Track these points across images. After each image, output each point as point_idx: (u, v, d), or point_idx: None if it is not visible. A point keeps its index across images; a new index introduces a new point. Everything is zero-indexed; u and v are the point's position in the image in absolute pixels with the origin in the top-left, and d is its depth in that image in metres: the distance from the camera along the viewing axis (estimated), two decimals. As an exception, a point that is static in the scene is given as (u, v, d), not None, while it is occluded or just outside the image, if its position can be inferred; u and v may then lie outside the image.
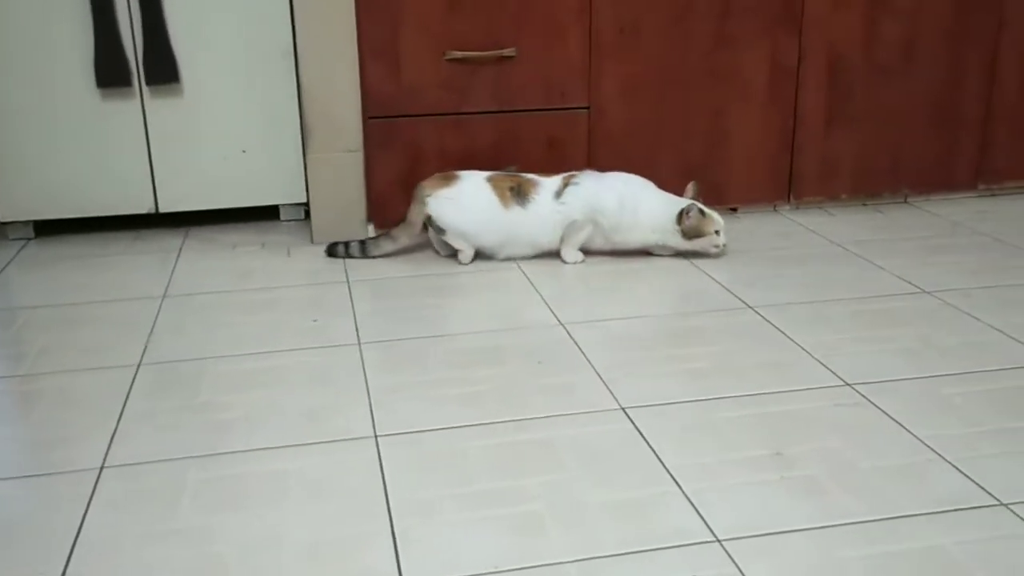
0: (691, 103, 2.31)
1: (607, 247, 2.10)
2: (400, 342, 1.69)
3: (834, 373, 1.53)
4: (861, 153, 2.43)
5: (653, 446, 1.32)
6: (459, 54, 2.16)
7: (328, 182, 2.20)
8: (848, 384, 1.49)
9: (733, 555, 1.09)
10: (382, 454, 1.31)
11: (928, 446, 1.31)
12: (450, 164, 2.23)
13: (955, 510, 1.16)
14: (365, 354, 1.64)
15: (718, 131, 2.35)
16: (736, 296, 1.87)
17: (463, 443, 1.34)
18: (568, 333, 1.71)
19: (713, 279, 1.97)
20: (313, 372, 1.58)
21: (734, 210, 2.43)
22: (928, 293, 1.88)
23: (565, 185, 2.06)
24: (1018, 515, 1.15)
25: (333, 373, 1.57)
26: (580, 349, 1.64)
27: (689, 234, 2.06)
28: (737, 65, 2.31)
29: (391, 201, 2.24)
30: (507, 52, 2.18)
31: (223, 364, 1.61)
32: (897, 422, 1.37)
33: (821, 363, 1.57)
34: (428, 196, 2.05)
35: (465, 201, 2.05)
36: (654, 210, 2.07)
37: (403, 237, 2.12)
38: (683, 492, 1.21)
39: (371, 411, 1.44)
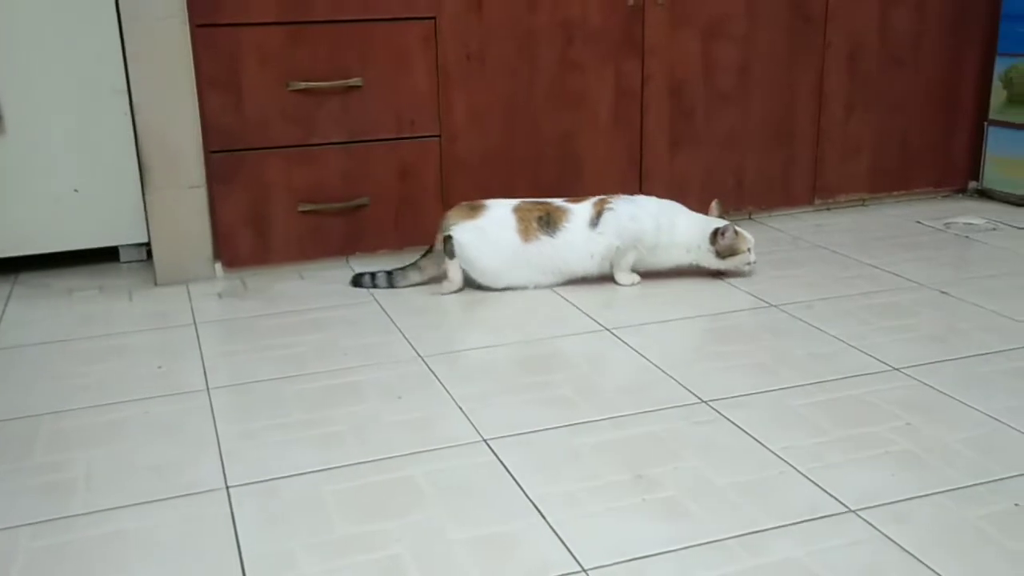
0: (541, 128, 2.34)
1: (641, 268, 2.10)
2: (252, 385, 1.62)
3: (690, 391, 1.56)
4: (706, 173, 2.51)
5: (516, 477, 1.31)
6: (303, 84, 2.11)
7: (170, 220, 2.10)
8: (703, 401, 1.52)
9: (599, 584, 1.08)
10: (234, 506, 1.25)
11: (781, 458, 1.34)
12: (299, 197, 2.17)
13: (807, 520, 1.19)
14: (215, 400, 1.56)
15: (569, 155, 2.38)
16: (593, 319, 1.89)
17: (320, 488, 1.29)
18: (427, 366, 1.69)
19: (571, 303, 1.99)
20: (159, 423, 1.49)
21: (588, 233, 2.46)
22: (774, 306, 1.95)
23: (599, 212, 2.04)
24: (866, 520, 1.19)
25: (180, 422, 1.49)
26: (440, 381, 1.62)
27: (724, 253, 2.07)
28: (583, 90, 2.35)
29: (239, 237, 2.17)
30: (353, 82, 2.15)
31: (60, 420, 1.50)
32: (751, 436, 1.41)
33: (678, 382, 1.60)
34: (452, 226, 2.01)
35: (488, 238, 2.01)
36: (688, 230, 2.08)
37: (430, 267, 2.08)
38: (547, 523, 1.20)
39: (221, 461, 1.37)
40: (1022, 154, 2.63)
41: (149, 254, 2.25)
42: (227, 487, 1.30)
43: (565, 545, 1.15)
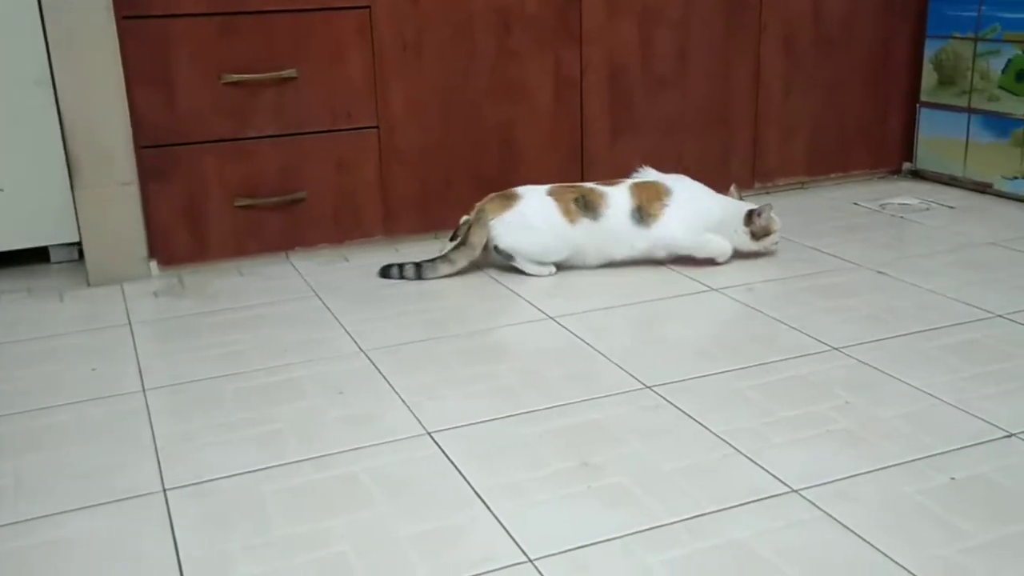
0: (480, 117, 2.32)
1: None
2: (189, 385, 1.58)
3: (634, 377, 1.56)
4: (647, 159, 2.50)
5: (461, 469, 1.30)
6: (236, 77, 2.07)
7: (101, 218, 2.05)
8: (648, 387, 1.53)
9: (545, 574, 1.07)
10: (172, 510, 1.22)
11: (725, 441, 1.35)
12: (236, 192, 2.13)
13: (752, 502, 1.20)
14: (151, 401, 1.53)
15: (509, 144, 2.37)
16: (537, 308, 1.88)
17: (261, 488, 1.26)
18: (370, 360, 1.66)
19: (515, 292, 1.98)
20: (93, 426, 1.45)
21: (531, 222, 2.45)
22: (716, 290, 1.96)
23: (643, 210, 2.03)
24: (808, 499, 1.20)
25: (115, 425, 1.45)
26: (383, 375, 1.60)
27: (759, 234, 2.09)
28: (522, 79, 2.33)
29: (174, 234, 2.12)
30: (287, 73, 2.11)
31: (-13, 428, 1.45)
32: (695, 420, 1.41)
33: (622, 368, 1.60)
34: (491, 220, 2.01)
35: (530, 222, 2.01)
36: (724, 213, 2.09)
37: (461, 260, 2.05)
38: (493, 514, 1.19)
39: (158, 463, 1.33)
40: (953, 135, 2.68)
41: (81, 254, 2.18)
42: (164, 490, 1.26)
43: (511, 536, 1.14)
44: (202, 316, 1.89)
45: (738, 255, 2.13)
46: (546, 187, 2.07)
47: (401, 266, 2.07)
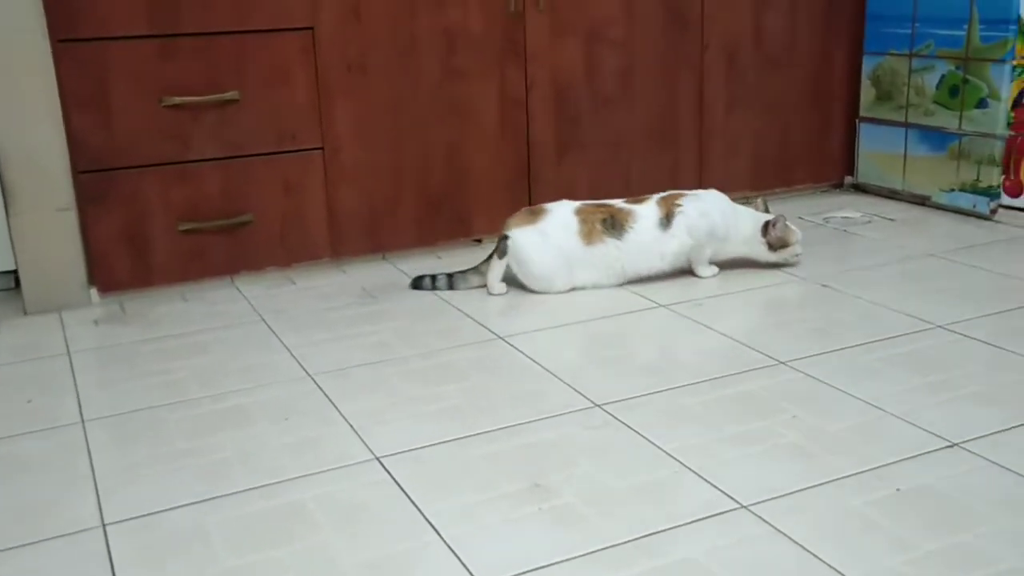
0: (427, 138, 2.31)
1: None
2: (130, 415, 1.54)
3: (584, 396, 1.56)
4: (594, 176, 2.53)
5: (410, 494, 1.28)
6: (177, 100, 2.04)
7: (38, 245, 2.00)
8: (597, 405, 1.52)
9: (496, 599, 1.06)
10: (111, 546, 1.18)
11: (675, 458, 1.35)
12: (179, 216, 2.09)
13: (702, 519, 1.20)
14: (90, 433, 1.49)
15: (456, 164, 2.36)
16: (486, 328, 1.87)
17: (204, 519, 1.23)
18: (316, 384, 1.64)
19: (463, 313, 1.96)
20: (29, 460, 1.41)
21: (479, 241, 2.45)
22: (664, 306, 1.96)
23: (668, 214, 2.07)
24: (757, 515, 1.20)
25: (52, 459, 1.41)
26: (329, 400, 1.58)
27: (775, 245, 2.12)
28: (468, 98, 2.33)
29: (115, 260, 2.07)
30: (229, 96, 2.08)
31: (-83, 465, 1.40)
32: (645, 437, 1.41)
33: (571, 387, 1.59)
34: (510, 232, 2.04)
35: (547, 243, 2.03)
36: (744, 224, 2.12)
37: None
38: (443, 539, 1.17)
39: (97, 497, 1.29)
40: (892, 149, 2.73)
41: (17, 282, 2.13)
42: (104, 524, 1.23)
43: (461, 561, 1.13)
44: (144, 343, 1.85)
45: (757, 264, 2.16)
46: (576, 204, 2.09)
47: (434, 277, 2.09)
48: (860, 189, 2.86)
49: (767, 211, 2.19)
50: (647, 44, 2.51)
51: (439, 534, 1.19)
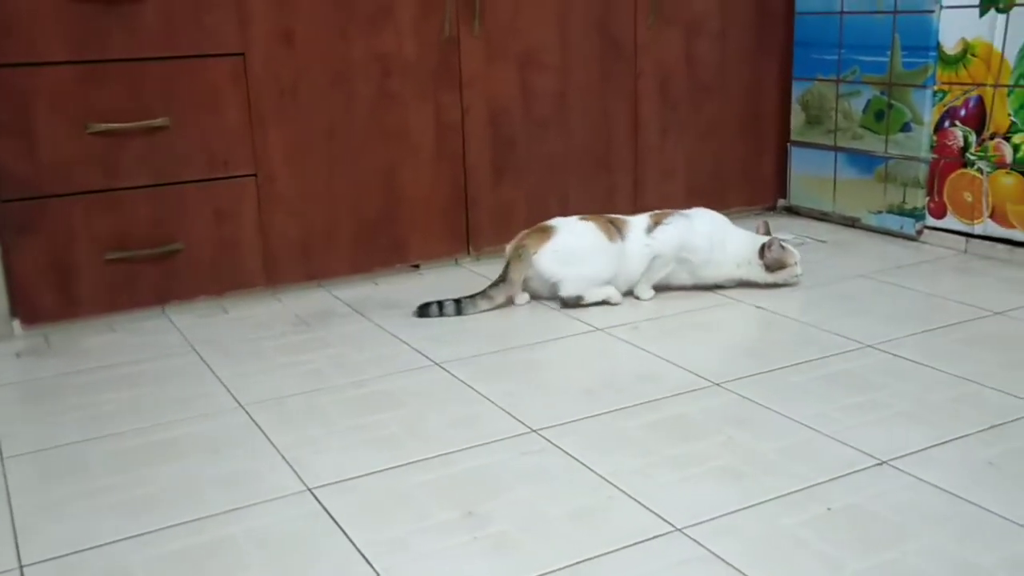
0: (362, 163, 2.30)
1: (691, 282, 2.18)
2: (53, 451, 1.50)
3: (520, 421, 1.55)
4: (531, 201, 2.53)
5: (343, 526, 1.26)
6: (103, 127, 1.99)
7: (-42, 277, 1.94)
8: (533, 430, 1.52)
9: (429, 631, 1.04)
10: (30, 588, 1.14)
11: (610, 482, 1.35)
12: (107, 245, 2.04)
13: (637, 543, 1.20)
14: (9, 470, 1.43)
15: (392, 189, 2.35)
16: (423, 354, 1.86)
17: (129, 558, 1.19)
18: (249, 415, 1.61)
19: (400, 339, 1.95)
20: (-56, 501, 1.35)
21: (416, 267, 2.43)
22: (601, 330, 1.97)
23: (656, 223, 2.12)
24: (691, 537, 1.20)
25: (-30, 499, 1.36)
26: (262, 431, 1.54)
27: (772, 267, 2.15)
28: (403, 123, 2.33)
29: (39, 291, 2.02)
30: (158, 122, 2.04)
31: None
32: (581, 462, 1.41)
33: (507, 412, 1.59)
34: (533, 255, 2.04)
35: (574, 246, 2.07)
36: (738, 245, 2.15)
37: (500, 296, 2.09)
38: (375, 572, 1.15)
39: (15, 538, 1.25)
40: (822, 172, 2.79)
41: (-63, 315, 2.06)
42: (21, 566, 1.18)
43: (394, 594, 1.11)
44: (69, 376, 1.80)
45: (756, 286, 2.19)
46: (576, 216, 2.15)
47: (441, 304, 2.07)
48: (793, 211, 2.91)
49: (768, 233, 2.22)
50: (582, 70, 2.53)
51: (371, 566, 1.16)
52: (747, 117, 2.83)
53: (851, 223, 2.73)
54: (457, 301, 2.08)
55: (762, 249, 2.17)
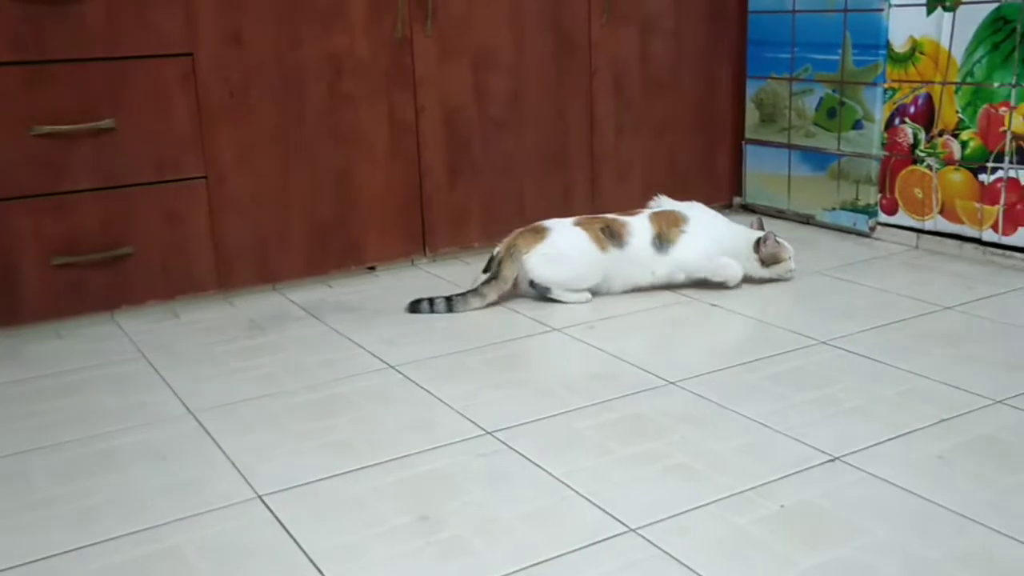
0: (315, 164, 2.27)
1: (687, 280, 2.18)
2: (-5, 462, 1.46)
3: (475, 423, 1.54)
4: (487, 201, 2.52)
5: (293, 534, 1.24)
6: (47, 129, 1.95)
7: None
8: (488, 432, 1.50)
9: (379, 640, 1.03)
10: (-33, 604, 1.11)
11: (564, 483, 1.34)
12: (53, 249, 2.00)
13: (590, 544, 1.19)
14: (-51, 483, 1.39)
15: (346, 191, 2.32)
16: (377, 357, 1.84)
17: (72, 571, 1.16)
18: (199, 422, 1.58)
19: (356, 343, 1.93)
20: None
21: (372, 269, 2.41)
22: (557, 330, 1.96)
23: (661, 234, 2.12)
24: (645, 537, 1.20)
25: (-94, 513, 1.31)
26: (212, 437, 1.52)
27: (768, 261, 2.16)
28: (357, 123, 2.30)
29: (-18, 298, 1.97)
30: (105, 124, 2.00)
31: None
32: (535, 464, 1.40)
33: (462, 415, 1.57)
34: (525, 254, 2.05)
35: (563, 251, 2.07)
36: (738, 241, 2.17)
37: (492, 294, 2.08)
38: (326, 579, 1.14)
39: (-46, 553, 1.21)
40: (776, 170, 2.81)
41: None
42: (-41, 583, 1.15)
43: (344, 602, 1.09)
44: (11, 385, 1.76)
45: (749, 280, 2.21)
46: (571, 219, 2.14)
47: (432, 300, 2.06)
48: (749, 209, 2.93)
49: (762, 229, 2.23)
50: (536, 69, 2.52)
51: (322, 574, 1.15)
52: (702, 115, 2.84)
53: (806, 220, 2.75)
54: (448, 299, 2.07)
55: (757, 244, 2.18)
